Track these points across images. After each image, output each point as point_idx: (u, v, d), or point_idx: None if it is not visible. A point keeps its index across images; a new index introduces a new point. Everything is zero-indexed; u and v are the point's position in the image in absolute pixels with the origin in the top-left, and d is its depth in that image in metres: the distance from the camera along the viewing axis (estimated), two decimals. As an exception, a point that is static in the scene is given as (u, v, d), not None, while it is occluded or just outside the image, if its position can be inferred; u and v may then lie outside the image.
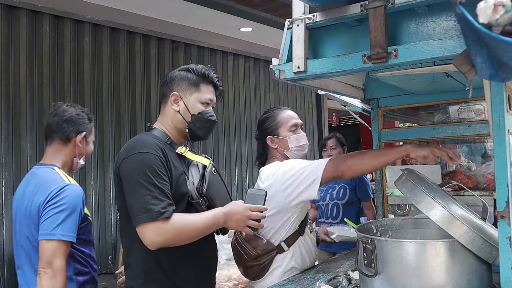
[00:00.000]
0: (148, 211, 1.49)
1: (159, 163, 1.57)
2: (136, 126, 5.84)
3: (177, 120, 1.75)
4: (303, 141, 2.12)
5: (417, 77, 1.74)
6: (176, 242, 1.57)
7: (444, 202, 1.40)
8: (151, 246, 1.53)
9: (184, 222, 1.57)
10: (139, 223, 1.51)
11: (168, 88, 1.78)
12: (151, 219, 1.49)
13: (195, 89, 1.75)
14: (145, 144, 1.62)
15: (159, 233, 1.50)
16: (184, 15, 5.82)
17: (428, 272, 1.37)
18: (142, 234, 1.52)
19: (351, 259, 2.16)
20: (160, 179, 1.55)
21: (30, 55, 4.90)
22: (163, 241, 1.52)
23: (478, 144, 3.17)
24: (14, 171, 4.75)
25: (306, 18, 1.47)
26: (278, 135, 2.11)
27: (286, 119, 2.12)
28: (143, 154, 1.57)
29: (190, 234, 1.58)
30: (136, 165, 1.56)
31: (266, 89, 7.86)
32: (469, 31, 0.87)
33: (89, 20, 5.37)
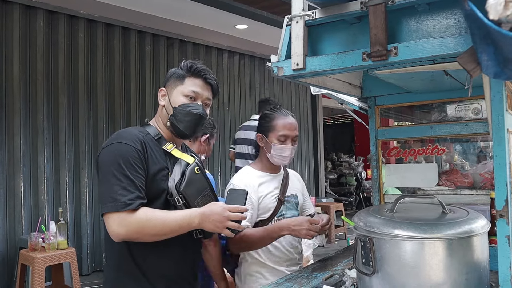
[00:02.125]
0: (114, 201, 1.47)
1: (135, 155, 1.55)
2: (130, 123, 5.82)
3: (163, 115, 1.74)
4: (285, 154, 2.14)
5: (416, 75, 1.73)
6: (140, 236, 1.52)
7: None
8: (113, 237, 1.50)
9: (150, 217, 1.52)
10: (104, 211, 1.50)
11: (163, 86, 1.79)
12: (115, 209, 1.47)
13: (179, 83, 1.73)
14: (125, 135, 1.61)
15: (121, 224, 1.47)
16: (180, 12, 5.80)
17: (426, 270, 1.36)
18: (107, 224, 1.50)
19: (348, 257, 2.16)
20: (133, 170, 1.53)
21: (24, 51, 4.86)
22: (125, 233, 1.49)
23: (472, 143, 3.18)
24: (7, 168, 4.71)
25: (306, 15, 1.46)
26: (267, 137, 2.15)
27: (280, 127, 2.14)
28: (120, 145, 1.56)
29: (156, 230, 1.53)
30: (111, 155, 1.55)
31: (261, 87, 7.85)
32: (477, 28, 0.86)
33: (84, 16, 5.33)
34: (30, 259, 3.92)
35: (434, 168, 2.29)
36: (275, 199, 2.16)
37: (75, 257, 4.15)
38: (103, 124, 5.55)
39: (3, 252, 4.63)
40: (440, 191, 2.32)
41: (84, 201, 5.36)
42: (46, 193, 4.99)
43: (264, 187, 2.16)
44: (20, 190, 4.78)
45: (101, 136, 5.52)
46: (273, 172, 2.24)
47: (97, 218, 5.52)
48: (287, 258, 2.17)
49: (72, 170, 5.26)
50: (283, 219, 2.12)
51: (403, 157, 2.35)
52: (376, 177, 2.37)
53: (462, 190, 2.26)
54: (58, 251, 4.04)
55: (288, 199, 2.23)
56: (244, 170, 2.23)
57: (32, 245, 4.02)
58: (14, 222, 4.74)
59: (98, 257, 5.53)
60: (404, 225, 1.40)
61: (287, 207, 2.22)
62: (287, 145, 2.14)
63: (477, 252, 1.40)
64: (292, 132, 2.15)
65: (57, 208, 4.81)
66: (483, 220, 1.45)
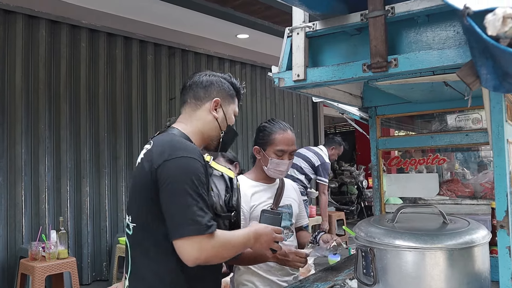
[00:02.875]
0: (196, 223, 1.34)
1: (203, 171, 1.44)
2: (132, 132, 5.83)
3: (211, 127, 1.64)
4: (282, 168, 2.15)
5: (416, 86, 1.74)
6: (215, 259, 1.44)
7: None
8: (190, 262, 1.37)
9: (224, 240, 1.44)
10: (184, 235, 1.35)
11: (206, 92, 1.65)
12: (198, 232, 1.34)
13: (232, 101, 1.71)
14: (188, 147, 1.47)
15: (203, 249, 1.35)
16: (181, 21, 5.84)
17: (428, 281, 1.36)
18: (186, 248, 1.35)
19: (349, 268, 2.16)
20: (204, 189, 1.42)
21: (26, 60, 4.89)
22: (205, 258, 1.38)
23: (472, 152, 3.18)
24: (8, 177, 4.72)
25: (306, 27, 1.47)
26: (265, 151, 2.17)
27: (278, 142, 2.14)
28: (188, 159, 1.42)
29: (228, 253, 1.47)
30: (181, 170, 1.40)
31: (263, 96, 7.87)
32: (475, 42, 0.87)
33: (86, 25, 5.37)
34: (30, 268, 3.91)
35: (435, 178, 2.29)
36: (268, 208, 2.12)
37: (75, 266, 4.14)
38: (105, 133, 5.56)
39: (3, 261, 4.62)
40: (441, 200, 2.32)
41: (85, 210, 5.35)
42: (47, 202, 4.99)
43: (258, 196, 2.17)
44: (21, 199, 4.78)
45: (102, 145, 5.53)
46: (267, 182, 2.24)
47: (97, 227, 5.51)
48: (279, 268, 2.15)
49: (73, 179, 5.26)
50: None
51: (404, 166, 2.35)
52: (377, 186, 2.37)
53: (463, 200, 2.26)
54: (58, 260, 4.03)
55: (282, 209, 2.22)
56: (239, 179, 2.17)
57: (32, 254, 4.02)
58: (14, 231, 4.74)
59: (99, 267, 5.52)
60: (405, 236, 1.40)
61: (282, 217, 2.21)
62: (284, 160, 2.15)
63: (478, 262, 1.40)
64: (289, 147, 2.16)
65: (58, 217, 4.81)
66: (484, 231, 1.45)
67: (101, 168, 5.53)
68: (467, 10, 0.88)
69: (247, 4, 5.45)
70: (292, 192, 2.36)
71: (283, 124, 2.23)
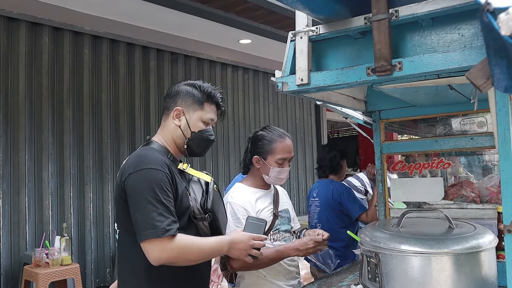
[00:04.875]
0: (154, 228, 1.50)
1: (165, 180, 1.58)
2: (135, 138, 5.83)
3: (177, 135, 1.75)
4: (283, 176, 2.19)
5: (420, 89, 1.73)
6: (180, 261, 1.57)
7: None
8: (154, 262, 1.53)
9: (189, 244, 1.58)
10: (144, 238, 1.51)
11: (172, 101, 1.78)
12: (156, 236, 1.50)
13: (198, 107, 1.75)
14: (152, 159, 1.61)
15: (164, 250, 1.51)
16: (184, 27, 5.84)
17: (434, 286, 1.35)
18: (147, 250, 1.52)
19: (353, 273, 2.14)
20: (166, 196, 1.56)
21: (30, 67, 4.90)
22: (167, 259, 1.52)
23: (476, 156, 3.17)
24: (12, 183, 4.72)
25: (310, 31, 1.47)
26: (265, 160, 2.16)
27: (278, 151, 2.15)
28: (150, 171, 1.57)
29: (194, 256, 1.60)
30: (143, 181, 1.56)
31: (265, 101, 7.87)
32: (492, 40, 0.86)
33: (89, 32, 5.38)
34: (34, 275, 3.90)
35: (439, 182, 2.27)
36: (271, 214, 2.18)
37: (79, 273, 4.13)
38: (108, 139, 5.56)
39: (7, 268, 4.61)
40: (446, 205, 2.31)
41: (89, 216, 5.35)
42: (50, 209, 4.98)
43: (260, 202, 2.19)
44: (25, 205, 4.78)
45: (105, 151, 5.53)
46: (265, 188, 2.26)
47: (101, 233, 5.50)
48: (286, 272, 2.17)
49: (76, 185, 5.26)
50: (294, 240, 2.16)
51: (408, 171, 2.34)
52: (381, 191, 2.36)
53: (468, 204, 2.25)
54: (62, 267, 4.02)
55: (281, 213, 2.25)
56: (238, 187, 2.23)
57: (36, 261, 4.01)
58: (18, 238, 4.73)
59: (102, 273, 5.50)
60: (411, 240, 1.39)
61: (281, 221, 2.23)
62: (285, 167, 2.17)
63: (485, 267, 1.38)
64: (290, 155, 2.19)
65: (61, 223, 4.80)
66: (490, 235, 1.44)
67: (104, 174, 5.53)
68: (488, 6, 0.86)
69: (250, 10, 5.46)
70: (285, 197, 2.39)
71: (280, 131, 2.24)
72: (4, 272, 4.58)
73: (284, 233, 2.23)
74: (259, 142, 2.20)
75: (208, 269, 1.85)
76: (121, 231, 1.70)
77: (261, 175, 2.20)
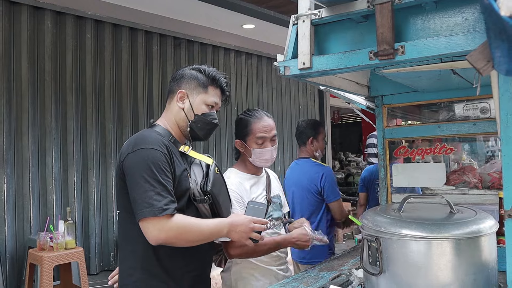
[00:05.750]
0: (151, 206, 1.50)
1: (163, 159, 1.58)
2: (138, 123, 5.83)
3: (180, 118, 1.76)
4: (266, 156, 2.14)
5: (423, 74, 1.72)
6: (178, 241, 1.57)
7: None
8: (152, 241, 1.54)
9: (187, 224, 1.58)
10: (141, 217, 1.52)
11: (177, 84, 1.78)
12: (153, 214, 1.50)
13: (202, 90, 1.76)
14: (150, 140, 1.62)
15: (162, 230, 1.51)
16: (187, 12, 5.81)
17: (434, 270, 1.35)
18: (145, 229, 1.53)
19: (355, 257, 2.15)
20: (164, 175, 1.56)
21: (32, 51, 4.89)
22: (165, 238, 1.53)
23: (480, 142, 3.16)
24: (16, 168, 4.75)
25: (312, 14, 1.46)
26: (246, 142, 2.15)
27: (256, 131, 2.12)
28: (148, 150, 1.58)
29: (193, 236, 1.60)
30: (141, 160, 1.56)
31: (269, 86, 7.84)
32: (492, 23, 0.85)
33: (91, 16, 5.35)
34: (38, 258, 3.94)
35: (442, 167, 2.27)
36: (265, 200, 2.16)
37: (83, 256, 4.17)
38: (111, 124, 5.57)
39: (12, 251, 4.67)
40: (447, 190, 2.31)
41: (92, 200, 5.38)
42: (54, 193, 5.02)
43: (255, 188, 2.18)
44: (29, 190, 4.81)
45: (108, 136, 5.54)
46: (257, 173, 2.24)
47: (104, 217, 5.54)
48: (277, 258, 2.20)
49: (80, 170, 5.28)
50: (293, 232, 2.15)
51: (411, 156, 2.33)
52: (383, 176, 2.36)
53: (470, 190, 2.24)
54: (66, 250, 4.06)
55: (274, 199, 2.25)
56: (233, 173, 2.20)
57: (40, 244, 4.05)
58: (22, 222, 4.77)
59: (106, 257, 5.56)
60: (412, 225, 1.39)
61: (273, 208, 2.23)
62: (266, 148, 2.13)
63: (485, 252, 1.39)
64: (269, 134, 2.14)
65: (65, 207, 4.84)
66: (491, 220, 1.44)
67: (107, 159, 5.55)
68: None
69: (253, -6, 5.43)
70: (276, 183, 2.37)
71: (259, 112, 2.20)
72: (9, 255, 4.63)
73: (275, 220, 2.23)
74: (238, 126, 2.20)
75: (210, 252, 1.86)
76: (120, 212, 1.71)
77: (247, 160, 2.18)
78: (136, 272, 1.66)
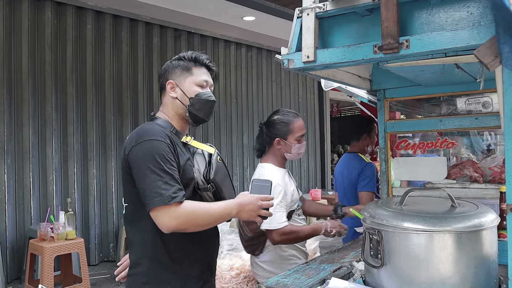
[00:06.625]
0: (160, 196, 1.53)
1: (167, 149, 1.61)
2: (138, 114, 5.83)
3: (177, 106, 1.78)
4: (302, 150, 2.42)
5: (426, 68, 1.72)
6: (189, 227, 1.60)
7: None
8: (165, 229, 1.57)
9: (197, 209, 1.61)
10: (152, 207, 1.54)
11: (164, 78, 1.82)
12: (163, 203, 1.53)
13: (188, 74, 1.79)
14: (152, 132, 1.65)
15: (172, 217, 1.54)
16: (187, 3, 5.78)
17: (435, 264, 1.36)
18: (156, 218, 1.56)
19: (356, 250, 2.16)
20: (170, 165, 1.59)
21: (32, 42, 4.88)
22: (176, 225, 1.55)
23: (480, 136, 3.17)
24: (16, 159, 4.75)
25: (316, 7, 1.45)
26: (286, 140, 2.36)
27: (297, 130, 2.37)
28: (151, 141, 1.61)
29: (203, 221, 1.63)
30: (145, 152, 1.59)
31: (269, 79, 7.84)
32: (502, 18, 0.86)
33: (92, 7, 5.33)
34: (39, 248, 3.96)
35: (443, 161, 2.27)
36: (297, 191, 2.43)
37: (83, 247, 4.18)
38: (111, 116, 5.57)
39: (13, 242, 4.68)
40: (448, 184, 2.31)
41: (92, 192, 5.39)
42: (54, 184, 5.03)
43: (290, 181, 2.42)
44: (29, 180, 4.82)
45: (108, 127, 5.54)
46: (285, 167, 2.46)
47: (104, 209, 5.56)
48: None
49: (80, 161, 5.29)
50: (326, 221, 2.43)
51: (412, 150, 2.34)
52: (384, 170, 2.36)
53: (471, 184, 2.25)
54: (66, 241, 4.07)
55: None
56: (271, 167, 2.38)
57: (41, 235, 4.06)
58: (23, 212, 4.79)
59: (106, 248, 5.58)
60: (413, 218, 1.40)
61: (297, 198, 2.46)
62: (303, 143, 2.39)
63: (486, 246, 1.40)
64: (305, 131, 2.42)
65: (65, 198, 4.85)
66: (492, 214, 1.45)
67: (107, 150, 5.55)
68: None
69: (254, -14, 5.40)
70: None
71: (291, 112, 2.45)
72: (10, 245, 4.65)
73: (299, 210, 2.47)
74: (277, 126, 2.39)
75: (217, 239, 1.88)
76: (128, 204, 1.74)
77: (282, 154, 2.39)
78: (145, 261, 1.68)
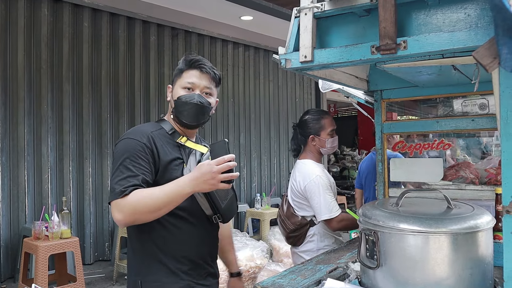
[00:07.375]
0: (113, 191, 1.58)
1: (139, 148, 1.65)
2: (134, 112, 5.82)
3: (171, 109, 1.83)
4: (336, 143, 2.59)
5: (423, 69, 1.72)
6: (137, 217, 1.56)
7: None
8: (117, 223, 1.61)
9: (141, 197, 1.55)
10: (108, 202, 1.60)
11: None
12: (113, 198, 1.57)
13: (178, 77, 1.81)
14: (133, 131, 1.74)
15: (119, 210, 1.55)
16: (185, 2, 5.77)
17: (431, 265, 1.36)
18: (112, 214, 1.60)
19: (351, 251, 2.16)
20: (136, 163, 1.62)
21: (28, 40, 4.85)
22: (123, 218, 1.55)
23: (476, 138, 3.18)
24: (11, 156, 4.73)
25: (314, 7, 1.45)
26: (319, 136, 2.54)
27: (328, 125, 2.54)
28: (127, 140, 1.68)
29: (147, 207, 1.55)
30: (118, 149, 1.67)
31: (266, 79, 7.83)
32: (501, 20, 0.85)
33: (88, 5, 5.32)
34: (34, 247, 3.94)
35: (439, 162, 2.28)
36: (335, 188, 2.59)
37: (78, 246, 4.17)
38: (107, 114, 5.55)
39: (6, 240, 4.66)
40: (444, 186, 2.32)
41: (88, 190, 5.38)
42: (49, 182, 5.00)
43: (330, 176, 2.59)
44: (24, 178, 4.80)
45: (105, 125, 5.52)
46: (321, 163, 2.64)
47: (100, 207, 5.54)
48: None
49: (75, 159, 5.27)
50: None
51: (408, 151, 2.34)
52: (381, 170, 2.36)
53: (467, 186, 2.26)
54: (61, 240, 4.06)
55: None
56: (311, 163, 2.55)
57: (35, 233, 4.04)
58: (17, 211, 4.76)
59: (101, 247, 5.56)
60: (410, 219, 1.40)
61: None
62: (335, 137, 2.58)
63: (482, 247, 1.40)
64: (335, 126, 2.59)
65: (61, 197, 4.83)
66: (488, 216, 1.45)
67: (103, 149, 5.54)
68: None
69: (252, -14, 5.39)
70: None
71: (321, 110, 2.67)
72: (3, 244, 4.63)
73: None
74: (310, 124, 2.57)
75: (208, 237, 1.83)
76: None
77: (318, 150, 2.56)
78: (136, 254, 1.75)
